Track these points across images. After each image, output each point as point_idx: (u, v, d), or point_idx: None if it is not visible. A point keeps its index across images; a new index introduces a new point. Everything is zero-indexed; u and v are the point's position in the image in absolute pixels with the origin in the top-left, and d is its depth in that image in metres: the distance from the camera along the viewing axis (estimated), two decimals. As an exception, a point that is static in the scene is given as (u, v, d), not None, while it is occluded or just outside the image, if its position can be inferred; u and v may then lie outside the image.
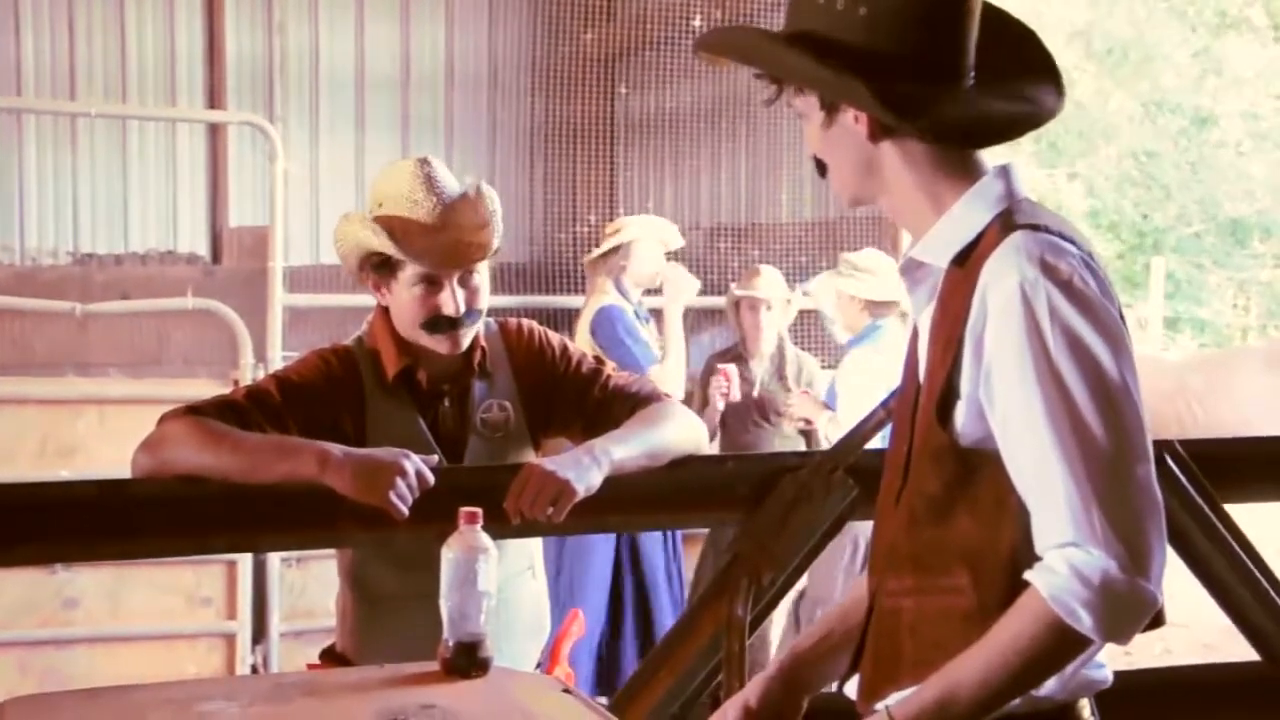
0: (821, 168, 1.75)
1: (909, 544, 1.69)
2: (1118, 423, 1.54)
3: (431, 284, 2.39)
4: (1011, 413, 1.58)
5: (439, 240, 2.38)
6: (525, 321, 2.59)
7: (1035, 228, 1.61)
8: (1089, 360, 1.54)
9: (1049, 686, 1.63)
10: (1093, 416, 1.53)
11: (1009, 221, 1.62)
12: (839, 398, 4.74)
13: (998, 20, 1.72)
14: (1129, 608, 1.52)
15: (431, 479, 2.21)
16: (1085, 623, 1.51)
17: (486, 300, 2.46)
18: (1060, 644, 1.54)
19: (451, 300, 2.39)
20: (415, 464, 2.20)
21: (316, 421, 2.36)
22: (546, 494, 2.21)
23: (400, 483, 2.17)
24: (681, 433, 2.45)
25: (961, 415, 1.63)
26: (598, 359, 2.58)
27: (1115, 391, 1.54)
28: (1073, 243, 1.61)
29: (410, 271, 2.39)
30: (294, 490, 2.22)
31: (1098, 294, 1.58)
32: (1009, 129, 1.69)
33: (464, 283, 2.41)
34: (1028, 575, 1.55)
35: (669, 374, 4.62)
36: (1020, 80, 1.70)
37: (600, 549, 4.74)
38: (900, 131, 1.65)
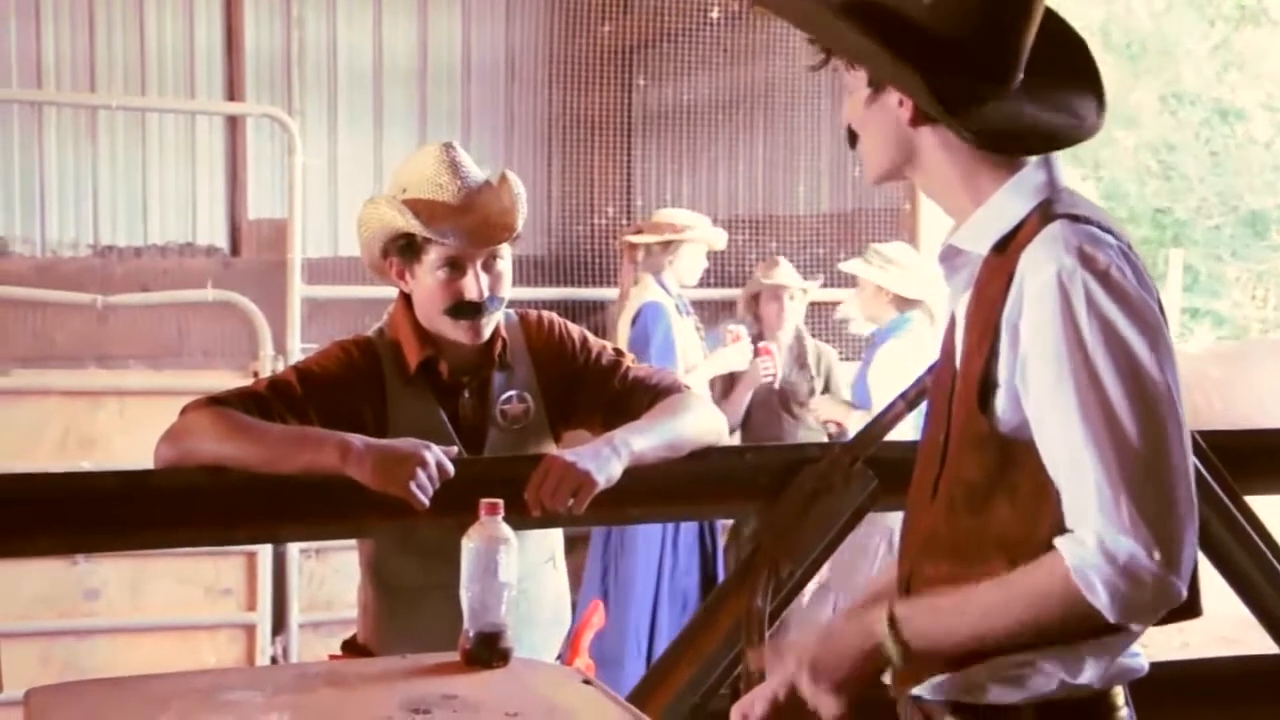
0: (853, 137, 1.74)
1: (948, 531, 1.69)
2: (1151, 415, 1.53)
3: (455, 268, 2.39)
4: (1045, 402, 1.57)
5: (464, 220, 2.38)
6: (545, 313, 2.58)
7: (1075, 218, 1.60)
8: (1124, 352, 1.54)
9: (1087, 675, 1.64)
10: (1125, 408, 1.52)
11: (1049, 211, 1.62)
12: (873, 392, 4.57)
13: (1049, 22, 1.70)
14: (1148, 594, 1.51)
15: (452, 470, 2.21)
16: (1100, 598, 1.50)
17: (509, 288, 2.45)
18: (1069, 613, 1.53)
19: (475, 285, 2.39)
20: (436, 455, 2.20)
21: (337, 412, 2.36)
22: (567, 485, 2.21)
23: (421, 474, 2.17)
24: (701, 424, 2.45)
25: (1000, 402, 1.62)
26: (617, 350, 2.58)
27: (1149, 383, 1.54)
28: (1112, 233, 1.61)
29: (434, 255, 2.38)
30: (315, 481, 2.23)
31: (1135, 285, 1.57)
32: (1051, 141, 1.67)
33: (488, 268, 2.40)
34: (1057, 541, 1.55)
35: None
36: (1066, 90, 1.69)
37: (644, 547, 4.67)
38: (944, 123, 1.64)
